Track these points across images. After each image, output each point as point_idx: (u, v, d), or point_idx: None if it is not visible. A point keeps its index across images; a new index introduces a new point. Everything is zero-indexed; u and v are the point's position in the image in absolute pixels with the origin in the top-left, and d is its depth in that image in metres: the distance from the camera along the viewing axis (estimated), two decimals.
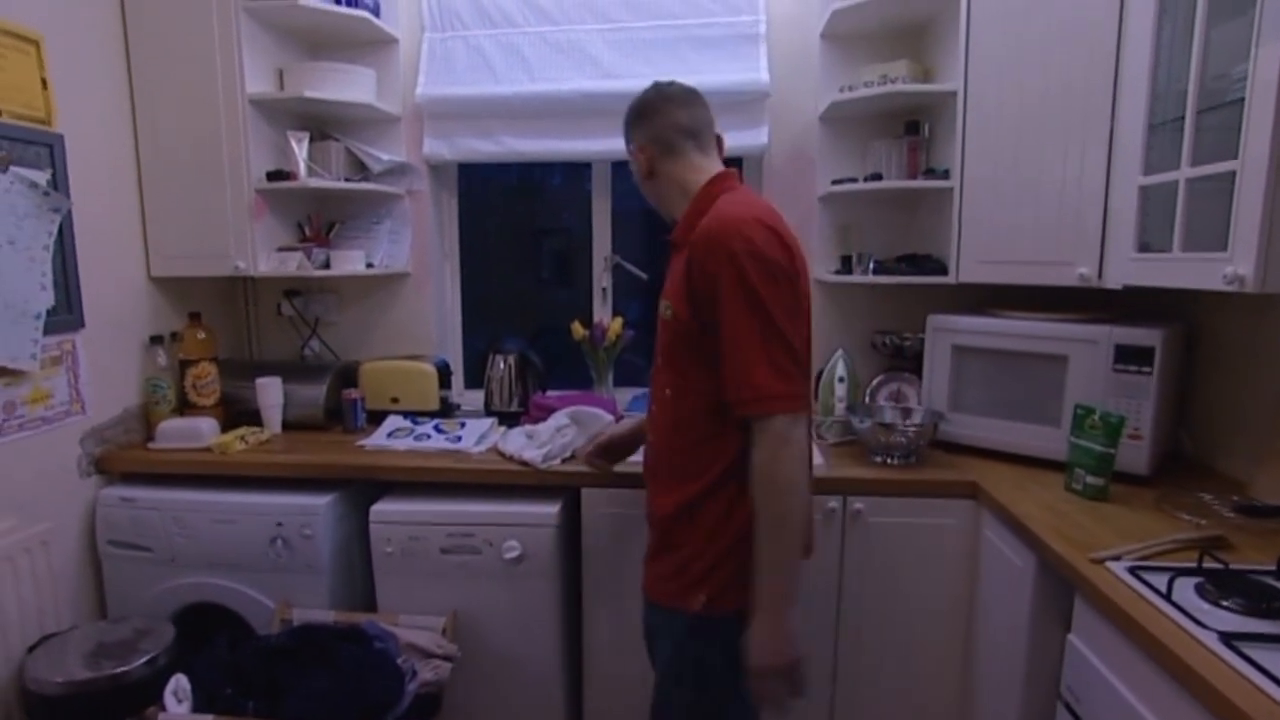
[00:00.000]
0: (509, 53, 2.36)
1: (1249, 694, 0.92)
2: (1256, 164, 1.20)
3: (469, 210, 2.68)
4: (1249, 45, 1.22)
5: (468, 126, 2.41)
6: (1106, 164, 1.65)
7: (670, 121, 1.40)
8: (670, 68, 2.26)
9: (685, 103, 1.42)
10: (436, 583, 1.88)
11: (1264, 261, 1.21)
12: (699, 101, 1.44)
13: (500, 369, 2.38)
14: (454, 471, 1.92)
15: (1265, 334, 1.70)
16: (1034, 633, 1.50)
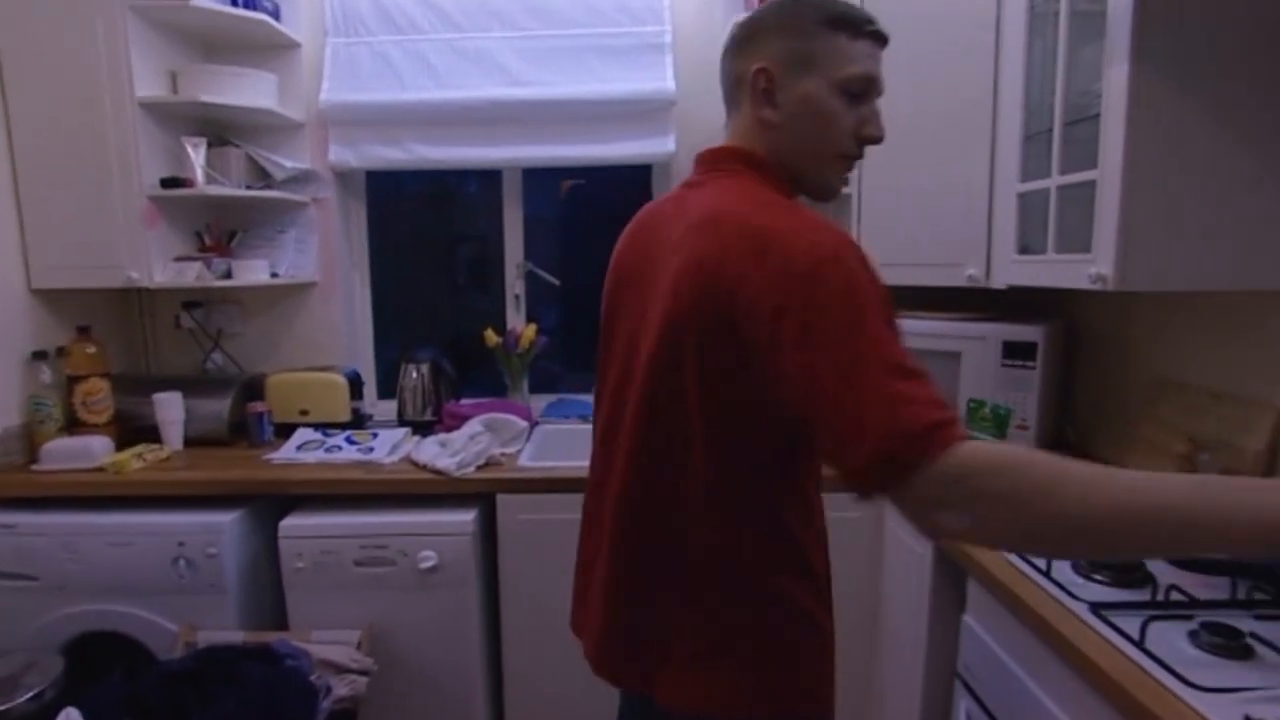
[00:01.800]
0: (416, 60, 2.34)
1: (1110, 654, 1.01)
2: (1112, 173, 1.31)
3: (380, 217, 2.64)
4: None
5: (375, 134, 2.37)
6: (989, 172, 1.76)
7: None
8: (578, 76, 2.29)
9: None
10: (350, 596, 1.84)
11: (1122, 262, 1.32)
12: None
13: (413, 378, 2.35)
14: (366, 483, 1.89)
15: (1132, 328, 1.85)
16: (933, 616, 1.58)
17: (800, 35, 0.95)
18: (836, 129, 0.96)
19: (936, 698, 1.58)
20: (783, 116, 0.97)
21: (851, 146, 0.98)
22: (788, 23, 0.96)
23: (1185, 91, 1.28)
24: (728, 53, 1.02)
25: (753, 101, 0.97)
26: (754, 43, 0.98)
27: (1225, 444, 1.52)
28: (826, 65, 0.95)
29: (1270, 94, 1.29)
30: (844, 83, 0.95)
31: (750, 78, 0.96)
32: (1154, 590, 1.18)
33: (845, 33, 0.95)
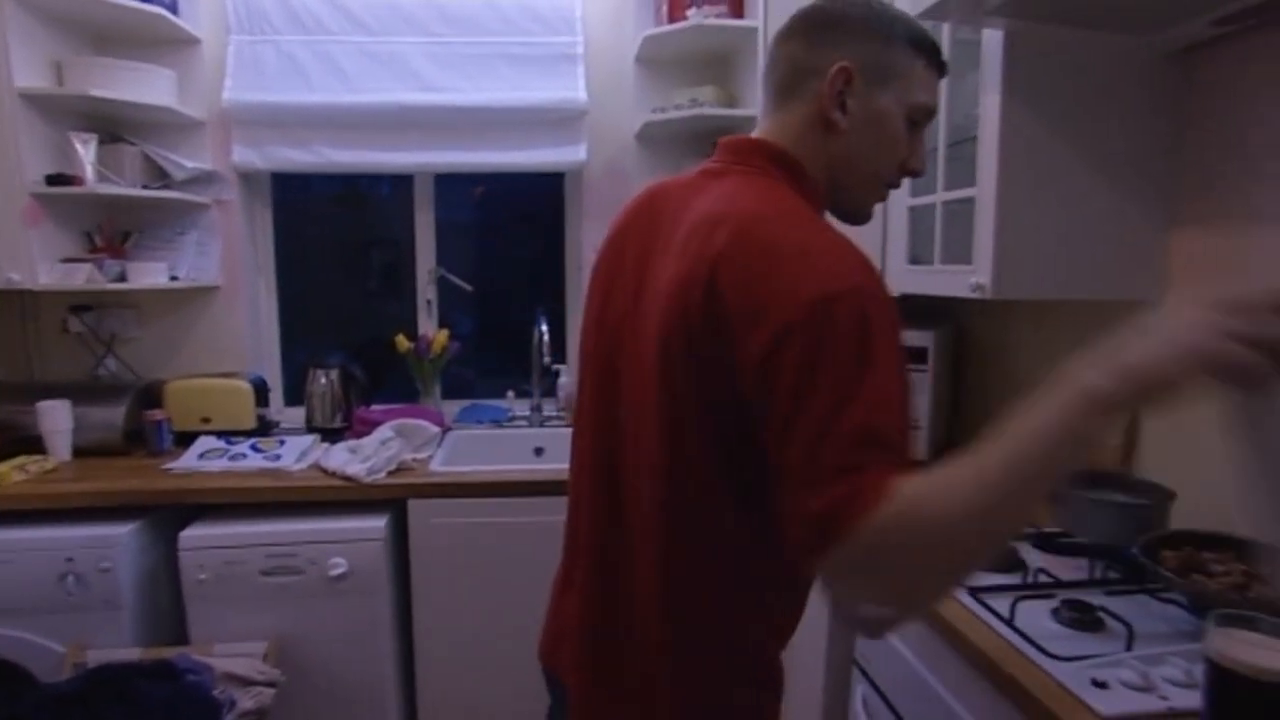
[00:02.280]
0: (324, 61, 2.30)
1: (984, 632, 1.11)
2: (988, 191, 1.43)
3: (288, 220, 2.58)
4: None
5: (281, 135, 2.32)
6: None
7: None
8: (490, 83, 2.31)
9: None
10: (256, 607, 1.80)
11: (997, 273, 1.44)
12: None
13: (322, 384, 2.31)
14: (273, 490, 1.85)
15: (1012, 334, 2.00)
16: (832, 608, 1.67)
17: (887, 45, 0.87)
18: (894, 153, 0.90)
19: (837, 684, 1.67)
20: (850, 124, 0.87)
21: (896, 174, 0.92)
22: (876, 28, 0.88)
23: (1049, 120, 1.41)
24: (795, 36, 0.90)
25: (823, 99, 0.86)
26: (836, 35, 0.88)
27: None
28: (904, 85, 0.88)
29: (1121, 123, 1.43)
30: (915, 109, 0.89)
31: (831, 74, 0.85)
32: (1024, 573, 1.29)
33: (925, 58, 0.90)
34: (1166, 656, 0.99)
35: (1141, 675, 0.95)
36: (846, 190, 0.91)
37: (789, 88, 0.90)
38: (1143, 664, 0.97)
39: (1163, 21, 1.30)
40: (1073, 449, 0.63)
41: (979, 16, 1.31)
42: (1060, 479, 0.64)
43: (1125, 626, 1.06)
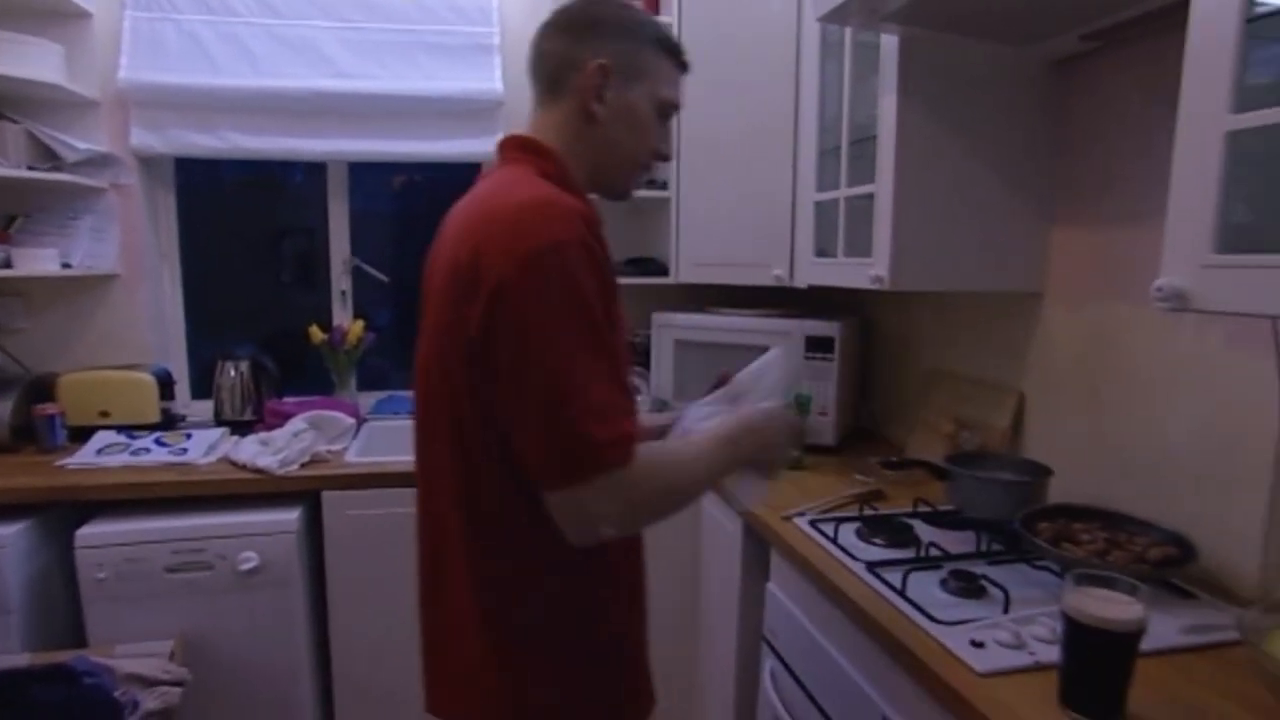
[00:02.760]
0: (230, 43, 2.23)
1: (877, 603, 1.18)
2: (885, 187, 1.51)
3: (195, 206, 2.49)
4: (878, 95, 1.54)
5: (184, 118, 2.24)
6: (792, 182, 1.95)
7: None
8: (405, 71, 2.28)
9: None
10: (161, 605, 1.75)
11: (894, 265, 1.52)
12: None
13: (231, 376, 2.24)
14: (178, 485, 1.80)
15: (912, 324, 2.11)
16: (743, 585, 1.74)
17: (638, 45, 1.00)
18: (647, 140, 1.03)
19: (748, 659, 1.74)
20: (606, 114, 0.98)
21: (650, 159, 1.05)
22: (628, 29, 1.00)
23: (942, 121, 1.50)
24: (558, 33, 1.00)
25: (583, 92, 0.97)
26: (594, 34, 0.98)
27: (982, 423, 1.78)
28: (653, 82, 1.01)
29: (1008, 127, 1.54)
30: (663, 103, 1.02)
31: (590, 69, 0.96)
32: (918, 548, 1.37)
33: (671, 59, 1.03)
34: (1037, 617, 1.08)
35: (1014, 635, 1.04)
36: (607, 173, 1.03)
37: (554, 81, 1.00)
38: (1016, 625, 1.06)
39: (1038, 34, 1.40)
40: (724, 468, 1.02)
41: (876, 22, 1.38)
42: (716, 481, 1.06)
43: (1003, 592, 1.15)
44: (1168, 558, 1.18)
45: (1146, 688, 0.91)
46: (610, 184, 1.05)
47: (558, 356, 0.81)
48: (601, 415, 0.81)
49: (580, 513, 0.84)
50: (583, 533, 0.86)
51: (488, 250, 0.83)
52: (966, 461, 1.56)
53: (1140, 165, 1.37)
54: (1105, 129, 1.45)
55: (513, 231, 0.83)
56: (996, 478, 1.49)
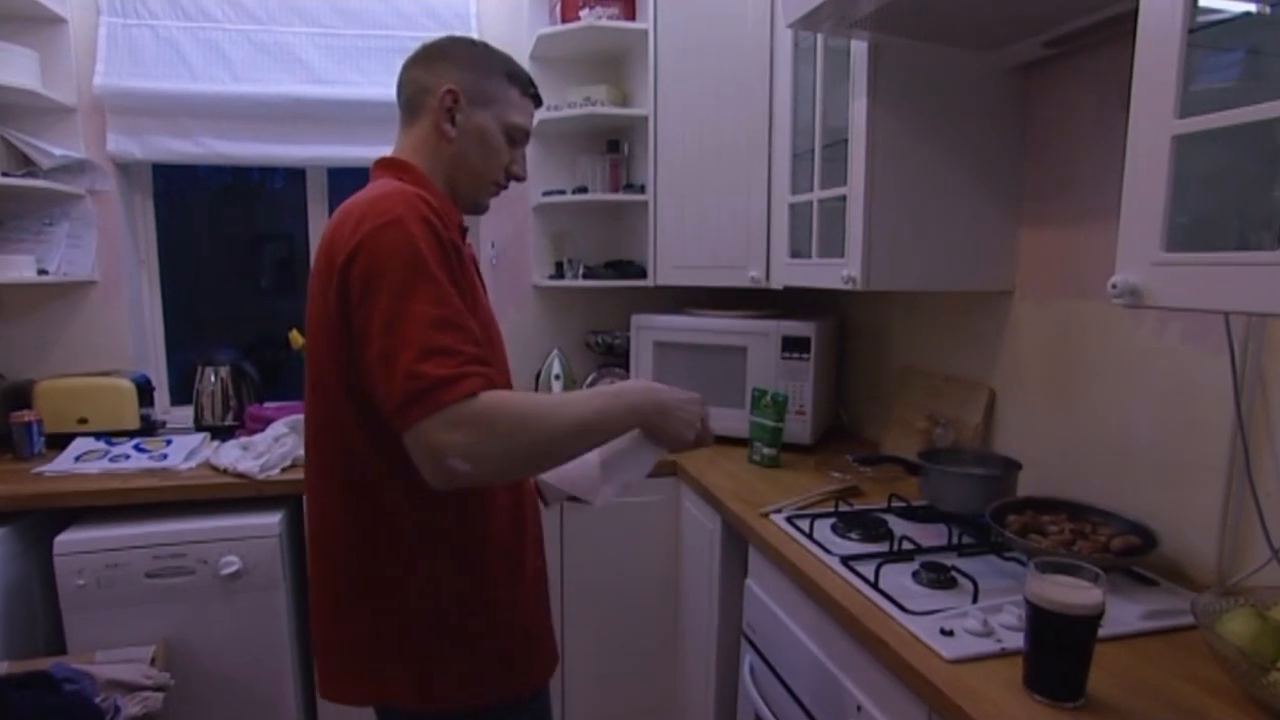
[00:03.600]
0: (208, 49, 2.23)
1: (852, 595, 1.21)
2: (857, 190, 1.55)
3: (174, 213, 2.48)
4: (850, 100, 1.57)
5: (162, 124, 2.24)
6: (767, 185, 1.98)
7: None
8: (384, 78, 2.30)
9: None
10: (142, 610, 1.74)
11: (866, 266, 1.55)
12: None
13: (211, 382, 2.24)
14: (159, 490, 1.79)
15: (887, 323, 2.15)
16: (722, 581, 1.76)
17: (485, 74, 1.11)
18: (496, 161, 1.14)
19: (728, 654, 1.76)
20: (458, 134, 1.10)
21: (502, 178, 1.16)
22: (476, 60, 1.12)
23: (911, 125, 1.54)
24: (417, 64, 1.13)
25: (435, 114, 1.09)
26: (445, 64, 1.11)
27: (955, 419, 1.82)
28: (501, 107, 1.12)
29: (976, 130, 1.58)
30: (511, 127, 1.14)
31: (440, 93, 1.08)
32: (891, 542, 1.41)
33: (518, 88, 1.14)
34: (1005, 605, 1.11)
35: (983, 623, 1.07)
36: (461, 187, 1.13)
37: (413, 105, 1.12)
38: (984, 613, 1.09)
39: (1001, 41, 1.44)
40: (600, 415, 0.98)
41: (845, 29, 1.42)
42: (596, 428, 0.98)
43: (973, 582, 1.19)
44: (1130, 547, 1.22)
45: (1107, 671, 0.94)
46: (465, 197, 1.14)
47: (397, 307, 0.88)
48: (441, 355, 0.86)
49: (428, 447, 0.85)
50: (436, 470, 0.86)
51: (338, 239, 0.95)
52: (939, 457, 1.60)
53: (1099, 166, 1.41)
54: (1066, 131, 1.50)
55: (358, 219, 0.93)
56: (967, 472, 1.53)
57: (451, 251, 0.95)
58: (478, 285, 1.08)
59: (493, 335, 1.08)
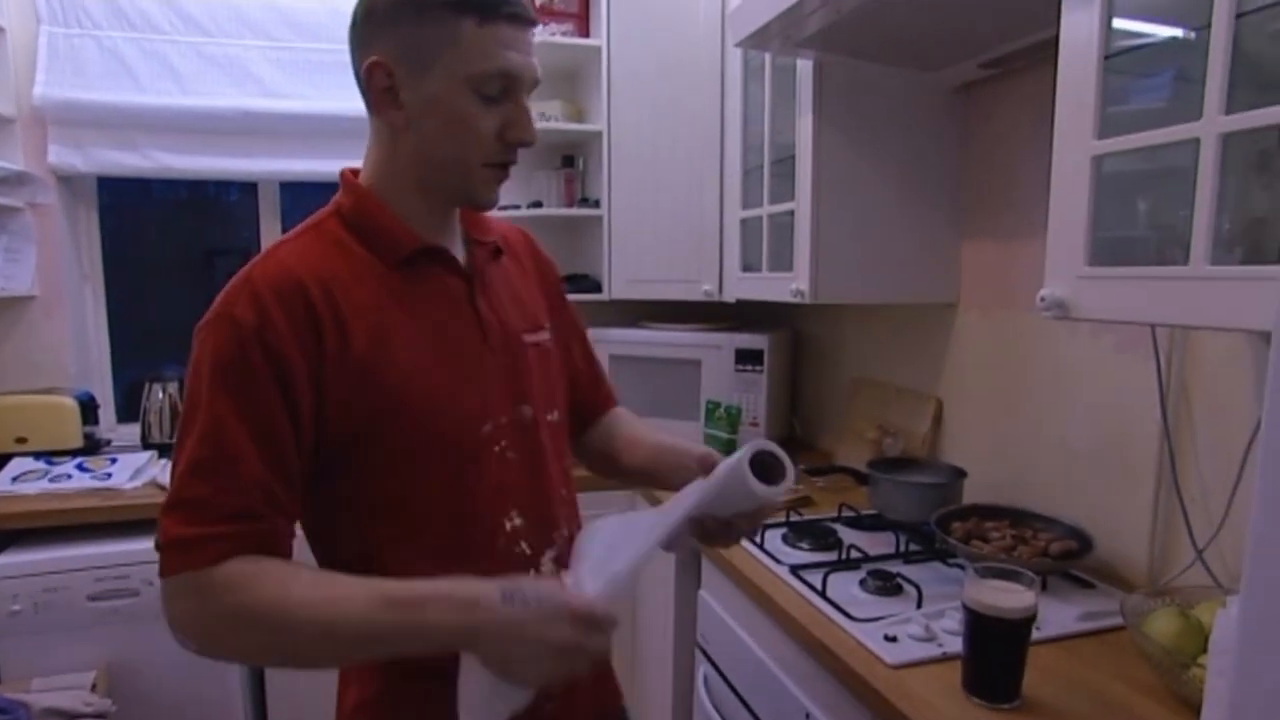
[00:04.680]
0: (155, 61, 2.20)
1: (800, 604, 1.23)
2: (804, 205, 1.58)
3: (121, 225, 2.43)
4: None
5: (107, 137, 2.19)
6: (719, 200, 2.01)
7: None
8: (336, 92, 2.28)
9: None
10: (84, 635, 1.70)
11: (813, 279, 1.59)
12: None
13: (159, 398, 2.19)
14: (103, 510, 1.75)
15: (838, 335, 2.19)
16: (677, 594, 1.77)
17: (417, 21, 0.77)
18: (474, 135, 0.80)
19: (682, 666, 1.77)
20: (410, 119, 0.81)
21: (498, 152, 0.82)
22: (402, 8, 0.78)
23: (856, 142, 1.58)
24: (349, 41, 0.83)
25: (375, 103, 0.82)
26: (368, 31, 0.80)
27: (904, 429, 1.86)
28: (453, 57, 0.77)
29: (919, 147, 1.62)
30: (478, 78, 0.78)
31: (364, 74, 0.80)
32: (839, 551, 1.43)
33: (471, 17, 0.77)
34: (947, 611, 1.14)
35: (925, 629, 1.09)
36: (442, 185, 0.85)
37: (364, 99, 0.84)
38: (927, 619, 1.12)
39: (940, 61, 1.49)
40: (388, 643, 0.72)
41: (791, 47, 1.45)
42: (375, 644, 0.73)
43: (917, 589, 1.21)
44: (1068, 551, 1.26)
45: (1043, 672, 0.97)
46: (455, 194, 0.87)
47: (177, 440, 0.76)
48: (188, 510, 0.71)
49: (164, 610, 0.72)
50: (175, 635, 0.73)
51: None
52: (887, 467, 1.63)
53: (1033, 182, 1.46)
54: (1003, 149, 1.55)
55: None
56: (914, 481, 1.56)
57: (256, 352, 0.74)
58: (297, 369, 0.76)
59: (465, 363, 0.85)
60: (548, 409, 0.95)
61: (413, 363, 0.81)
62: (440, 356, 0.84)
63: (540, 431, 0.92)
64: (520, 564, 0.86)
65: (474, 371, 0.86)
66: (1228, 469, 1.11)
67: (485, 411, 0.86)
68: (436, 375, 0.83)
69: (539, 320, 0.97)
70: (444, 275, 0.88)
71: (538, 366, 0.94)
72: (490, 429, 0.86)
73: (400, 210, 0.85)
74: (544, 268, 1.06)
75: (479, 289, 0.90)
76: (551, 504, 0.92)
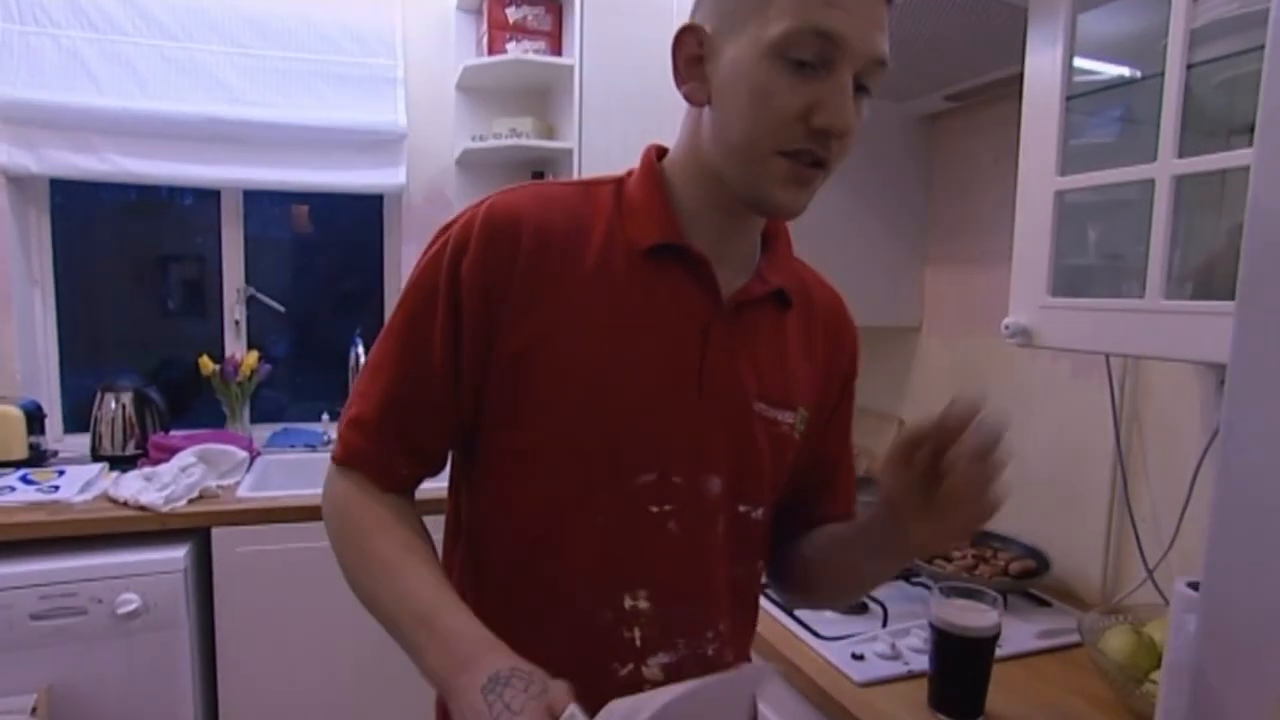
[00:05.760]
0: (116, 63, 2.15)
1: (769, 624, 1.24)
2: None
3: (71, 229, 2.35)
4: None
5: (63, 138, 2.13)
6: None
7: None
8: (306, 101, 2.26)
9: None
10: (25, 656, 1.63)
11: None
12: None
13: (111, 408, 2.13)
14: (48, 525, 1.69)
15: None
16: None
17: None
18: (770, 111, 0.64)
19: None
20: (712, 94, 0.68)
21: (795, 137, 0.64)
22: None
23: None
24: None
25: (678, 73, 0.71)
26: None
27: (867, 449, 1.89)
28: (761, 19, 0.63)
29: (887, 175, 1.67)
30: (783, 42, 0.62)
31: (674, 41, 0.70)
32: None
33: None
34: (911, 629, 1.17)
35: (891, 646, 1.12)
36: (731, 179, 0.69)
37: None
38: (893, 637, 1.14)
39: (908, 92, 1.54)
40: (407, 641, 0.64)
41: None
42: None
43: (882, 608, 1.24)
44: (1026, 570, 1.30)
45: (1004, 689, 1.00)
46: (743, 191, 0.69)
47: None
48: (351, 404, 0.75)
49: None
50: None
51: None
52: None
53: (995, 211, 1.52)
54: (965, 179, 1.60)
55: None
56: (877, 501, 1.59)
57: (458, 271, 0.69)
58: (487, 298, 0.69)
59: (573, 382, 0.70)
60: (748, 498, 0.76)
61: (586, 359, 0.69)
62: (625, 371, 0.70)
63: (720, 515, 0.75)
64: (622, 652, 0.71)
65: (659, 406, 0.71)
66: (1177, 491, 1.16)
67: (654, 460, 0.71)
68: (610, 393, 0.69)
69: (790, 397, 0.78)
70: (690, 287, 0.72)
71: (760, 446, 0.75)
72: (652, 482, 0.71)
73: (682, 202, 0.74)
74: (840, 346, 0.87)
75: (724, 324, 0.73)
76: (697, 604, 0.75)
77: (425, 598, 0.64)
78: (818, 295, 0.86)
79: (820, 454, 0.86)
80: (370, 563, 0.69)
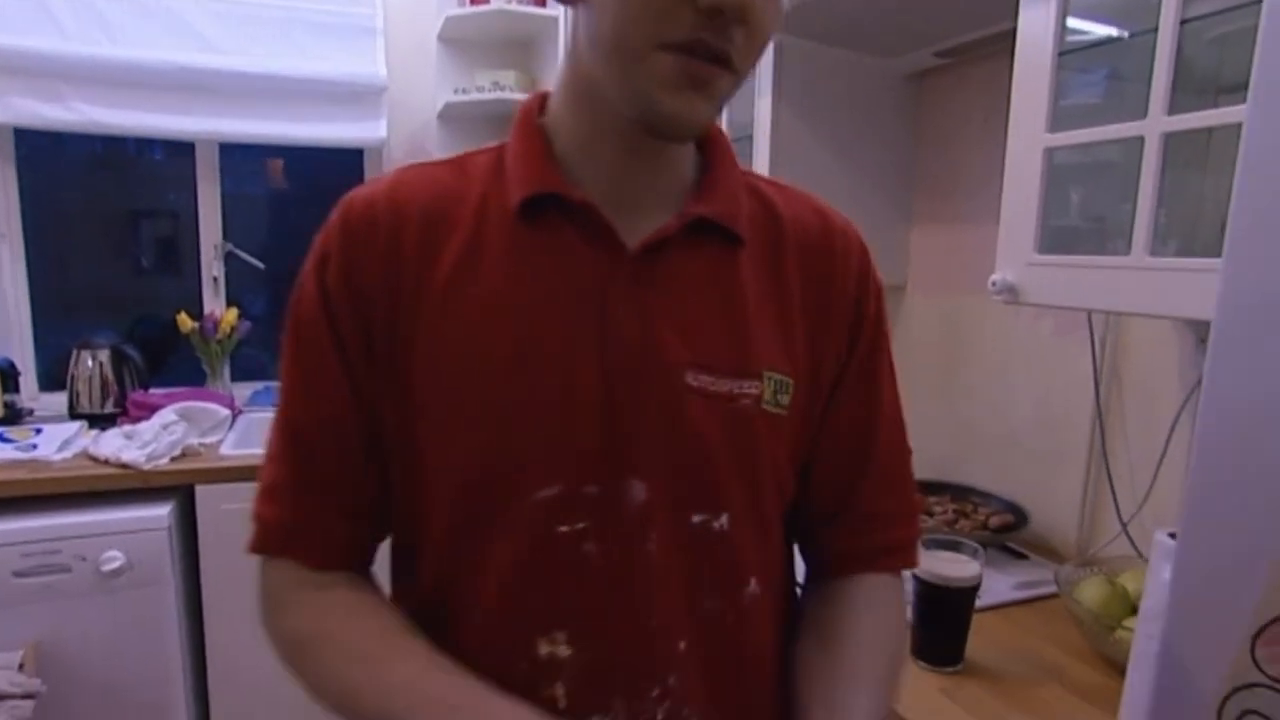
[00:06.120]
0: (81, 7, 2.07)
1: None
2: None
3: (39, 182, 2.29)
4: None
5: (26, 85, 2.06)
6: None
7: None
8: (282, 49, 2.19)
9: None
10: (10, 613, 1.63)
11: None
12: None
13: (89, 366, 2.10)
14: (28, 483, 1.67)
15: None
16: None
17: None
18: (636, 4, 0.50)
19: None
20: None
21: (681, 23, 0.50)
22: None
23: (813, 124, 1.60)
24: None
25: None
26: None
27: None
28: None
29: (874, 132, 1.66)
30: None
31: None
32: None
33: None
34: None
35: None
36: (613, 93, 0.55)
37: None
38: None
39: (896, 49, 1.52)
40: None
41: None
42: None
43: None
44: (1005, 524, 1.33)
45: (983, 638, 1.03)
46: (627, 105, 0.55)
47: None
48: (260, 476, 0.66)
49: None
50: None
51: None
52: None
53: (983, 169, 1.52)
54: (953, 137, 1.60)
55: None
56: None
57: (316, 313, 0.59)
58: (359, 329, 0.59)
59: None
60: (699, 504, 0.59)
61: (460, 359, 0.57)
62: (507, 364, 0.56)
63: (652, 530, 0.57)
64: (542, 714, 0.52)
65: (554, 399, 0.56)
66: (1152, 448, 1.19)
67: (556, 468, 0.56)
68: (492, 393, 0.56)
69: (749, 361, 0.60)
70: (578, 244, 0.58)
71: (702, 431, 0.58)
72: (556, 496, 0.56)
73: (565, 143, 0.60)
74: (832, 281, 0.67)
75: (627, 281, 0.58)
76: (633, 649, 0.58)
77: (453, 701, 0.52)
78: (788, 219, 0.65)
79: (841, 430, 0.66)
80: (350, 697, 0.58)
